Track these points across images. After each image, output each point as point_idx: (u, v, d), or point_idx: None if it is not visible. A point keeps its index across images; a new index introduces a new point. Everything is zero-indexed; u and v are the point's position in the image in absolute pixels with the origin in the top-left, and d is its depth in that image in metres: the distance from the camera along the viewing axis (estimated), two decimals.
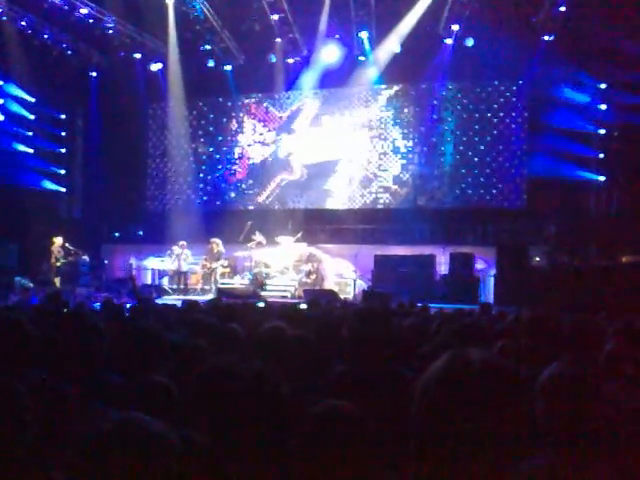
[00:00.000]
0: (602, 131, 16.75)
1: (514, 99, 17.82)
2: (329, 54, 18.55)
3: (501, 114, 18.04)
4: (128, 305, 7.64)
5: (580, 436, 2.11)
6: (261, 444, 1.85)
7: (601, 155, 16.76)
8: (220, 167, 20.85)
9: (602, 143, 16.76)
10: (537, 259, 16.10)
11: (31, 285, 15.95)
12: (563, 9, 15.82)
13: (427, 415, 1.23)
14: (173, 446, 1.35)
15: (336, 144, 19.54)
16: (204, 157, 21.00)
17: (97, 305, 10.05)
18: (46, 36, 17.87)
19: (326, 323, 4.27)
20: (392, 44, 17.87)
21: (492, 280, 15.67)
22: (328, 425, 1.61)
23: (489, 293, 15.58)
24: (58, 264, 17.28)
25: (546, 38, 16.72)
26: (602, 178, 16.66)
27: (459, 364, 1.24)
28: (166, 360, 3.53)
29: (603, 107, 16.77)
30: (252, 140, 20.52)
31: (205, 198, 20.85)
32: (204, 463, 1.89)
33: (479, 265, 16.51)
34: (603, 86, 16.70)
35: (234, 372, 1.97)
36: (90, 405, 2.19)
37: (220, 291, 16.08)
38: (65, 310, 6.27)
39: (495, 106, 18.10)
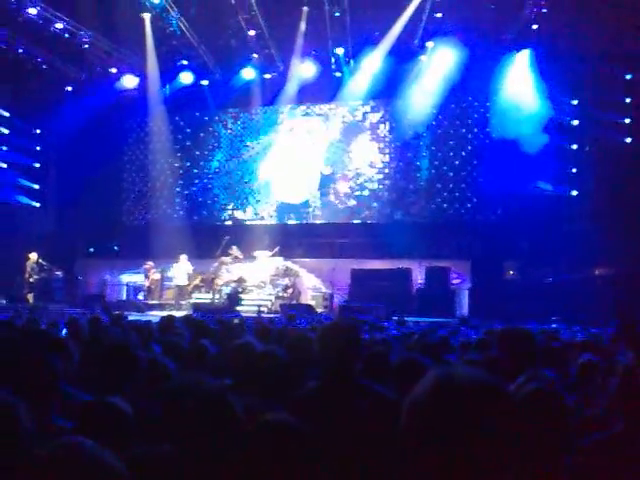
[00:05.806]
0: (574, 146, 17.02)
1: (488, 115, 18.04)
2: (305, 70, 18.66)
3: (475, 130, 18.26)
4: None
5: (547, 451, 2.12)
6: (218, 457, 1.84)
7: (574, 170, 17.01)
8: (197, 182, 20.78)
9: (574, 158, 17.01)
10: (511, 272, 16.25)
11: (3, 301, 15.72)
12: (536, 27, 16.13)
13: (417, 439, 1.21)
14: (115, 473, 1.31)
15: (312, 159, 19.60)
16: (181, 171, 20.91)
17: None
18: (21, 50, 17.72)
19: (298, 339, 4.26)
20: (368, 60, 18.03)
21: (467, 293, 15.77)
22: (268, 438, 1.59)
23: (464, 306, 15.66)
24: (31, 280, 17.06)
25: (519, 55, 17.02)
26: (575, 192, 16.90)
27: (447, 384, 1.21)
28: (135, 378, 3.49)
29: (575, 123, 17.05)
30: (229, 155, 20.50)
31: (182, 213, 20.74)
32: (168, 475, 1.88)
33: (454, 279, 16.63)
34: (575, 102, 16.99)
35: (196, 390, 1.96)
36: (45, 421, 2.16)
37: (196, 306, 15.97)
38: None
39: (469, 122, 18.32)
